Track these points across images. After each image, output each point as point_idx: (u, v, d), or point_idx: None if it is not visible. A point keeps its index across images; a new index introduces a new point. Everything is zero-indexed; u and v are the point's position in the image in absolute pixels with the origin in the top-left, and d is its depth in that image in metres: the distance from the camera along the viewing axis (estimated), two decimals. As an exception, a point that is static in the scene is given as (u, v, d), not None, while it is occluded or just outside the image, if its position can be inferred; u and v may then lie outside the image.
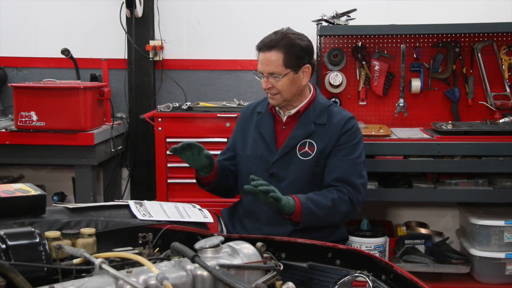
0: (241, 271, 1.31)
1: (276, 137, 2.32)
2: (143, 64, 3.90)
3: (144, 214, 1.78)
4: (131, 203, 1.85)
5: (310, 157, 2.24)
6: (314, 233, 2.17)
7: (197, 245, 1.33)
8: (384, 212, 3.77)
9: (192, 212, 1.94)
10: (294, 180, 2.25)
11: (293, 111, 2.31)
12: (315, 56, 3.65)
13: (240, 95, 3.88)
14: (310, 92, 2.34)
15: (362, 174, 2.26)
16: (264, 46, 2.22)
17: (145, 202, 1.91)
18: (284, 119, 2.34)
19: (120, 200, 1.92)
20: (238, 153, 2.40)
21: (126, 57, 3.92)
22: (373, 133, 3.28)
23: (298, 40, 2.23)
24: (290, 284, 1.33)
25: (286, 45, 2.20)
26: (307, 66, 2.26)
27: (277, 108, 2.35)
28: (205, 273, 1.23)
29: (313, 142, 2.25)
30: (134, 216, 1.77)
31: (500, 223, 3.16)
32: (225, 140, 3.22)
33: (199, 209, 2.01)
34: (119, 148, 3.76)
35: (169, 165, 3.45)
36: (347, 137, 2.25)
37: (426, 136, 3.28)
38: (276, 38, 2.21)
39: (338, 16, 3.50)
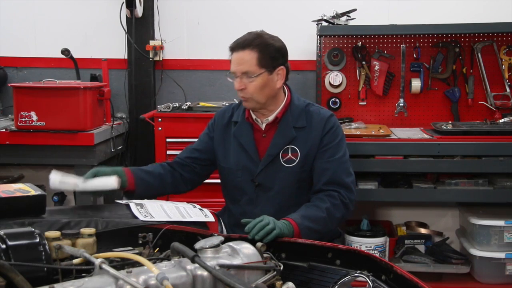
0: (241, 271, 1.31)
1: (257, 146, 2.26)
2: (143, 64, 3.90)
3: (145, 215, 1.78)
4: (132, 204, 1.85)
5: (294, 164, 2.20)
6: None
7: (197, 245, 1.34)
8: (384, 212, 3.77)
9: (193, 212, 1.94)
10: (281, 189, 2.21)
11: (270, 118, 2.25)
12: (314, 57, 3.70)
13: (240, 95, 3.88)
14: (285, 95, 2.28)
15: (350, 171, 2.21)
16: (238, 45, 2.16)
17: (146, 202, 1.91)
18: (263, 127, 2.27)
19: (121, 201, 1.92)
20: (220, 164, 2.34)
21: (126, 57, 3.92)
22: (373, 133, 3.28)
23: (272, 41, 2.18)
24: (290, 284, 1.33)
25: (260, 44, 2.15)
26: (281, 68, 2.19)
27: (254, 117, 2.28)
28: (205, 273, 1.23)
29: (296, 148, 2.20)
30: (135, 217, 1.77)
31: (500, 223, 3.16)
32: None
33: (200, 209, 2.01)
34: (119, 148, 3.76)
35: (169, 165, 3.44)
36: (329, 137, 2.20)
37: (426, 136, 3.28)
38: (249, 37, 2.16)
39: (338, 16, 3.50)
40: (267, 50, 2.15)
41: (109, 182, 2.01)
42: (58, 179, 1.96)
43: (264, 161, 2.22)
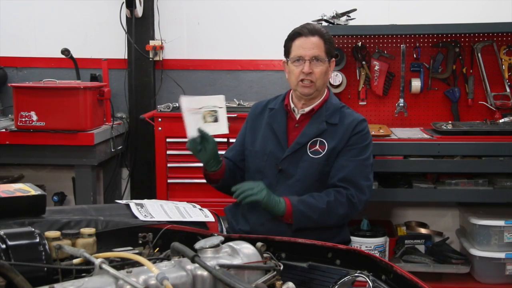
0: (241, 271, 1.31)
1: (288, 135, 2.33)
2: (143, 64, 3.90)
3: (145, 215, 1.79)
4: (132, 204, 1.85)
5: (320, 156, 2.25)
6: (316, 234, 2.18)
7: (197, 245, 1.33)
8: (384, 212, 3.77)
9: (193, 212, 1.94)
10: (302, 177, 2.26)
11: (307, 109, 2.33)
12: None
13: (240, 95, 3.88)
14: (325, 92, 2.37)
15: (369, 176, 2.27)
16: (308, 31, 2.26)
17: (146, 202, 1.91)
18: (298, 117, 2.35)
19: (121, 201, 1.92)
20: (247, 148, 2.40)
21: (126, 57, 3.92)
22: (373, 133, 3.27)
23: (330, 34, 2.33)
24: (290, 284, 1.32)
25: (325, 34, 2.29)
26: (333, 61, 2.35)
27: (292, 106, 2.36)
28: (205, 273, 1.23)
29: (324, 141, 2.26)
30: (135, 216, 1.77)
31: (500, 223, 3.16)
32: (225, 140, 3.22)
33: (200, 209, 2.01)
34: (119, 148, 3.76)
35: (169, 165, 3.45)
36: (357, 138, 2.27)
37: (426, 136, 3.28)
38: (316, 26, 2.30)
39: (338, 16, 3.50)
40: (330, 41, 2.30)
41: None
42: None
43: (291, 148, 2.28)
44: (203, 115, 2.15)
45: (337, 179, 2.22)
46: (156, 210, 1.84)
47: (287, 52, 2.32)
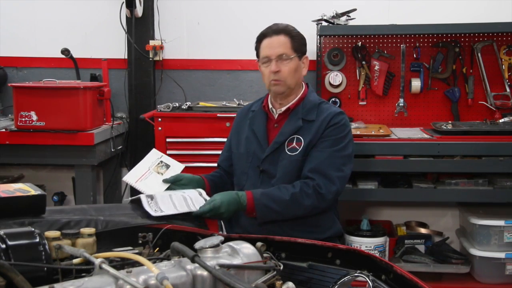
0: (241, 271, 1.31)
1: (268, 135, 2.35)
2: (143, 64, 3.90)
3: (156, 210, 1.81)
4: (143, 197, 1.88)
5: (297, 152, 2.26)
6: (307, 229, 2.22)
7: (197, 245, 1.33)
8: (384, 212, 3.77)
9: (198, 203, 1.97)
10: (282, 176, 2.26)
11: (283, 108, 2.35)
12: (314, 57, 3.70)
13: (240, 95, 3.88)
14: (303, 89, 2.38)
15: (341, 168, 2.24)
16: (272, 31, 2.30)
17: (156, 194, 1.95)
18: (276, 116, 2.37)
19: (133, 197, 1.94)
20: (233, 151, 2.43)
21: (126, 57, 3.92)
22: (373, 133, 3.28)
23: (298, 31, 2.36)
24: (290, 284, 1.32)
25: (291, 31, 2.31)
26: (306, 57, 2.36)
27: (270, 106, 2.39)
28: (205, 273, 1.23)
29: (301, 137, 2.27)
30: (135, 216, 1.78)
31: (500, 223, 3.16)
32: (225, 140, 3.22)
33: (205, 199, 2.03)
34: (119, 148, 3.76)
35: (169, 165, 3.44)
36: (331, 130, 2.26)
37: (426, 136, 3.28)
38: (281, 25, 2.32)
39: (338, 16, 3.50)
40: (298, 37, 2.33)
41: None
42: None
43: (270, 148, 2.30)
44: (155, 172, 2.15)
45: (307, 170, 2.21)
46: (165, 202, 1.88)
47: (257, 55, 2.37)
